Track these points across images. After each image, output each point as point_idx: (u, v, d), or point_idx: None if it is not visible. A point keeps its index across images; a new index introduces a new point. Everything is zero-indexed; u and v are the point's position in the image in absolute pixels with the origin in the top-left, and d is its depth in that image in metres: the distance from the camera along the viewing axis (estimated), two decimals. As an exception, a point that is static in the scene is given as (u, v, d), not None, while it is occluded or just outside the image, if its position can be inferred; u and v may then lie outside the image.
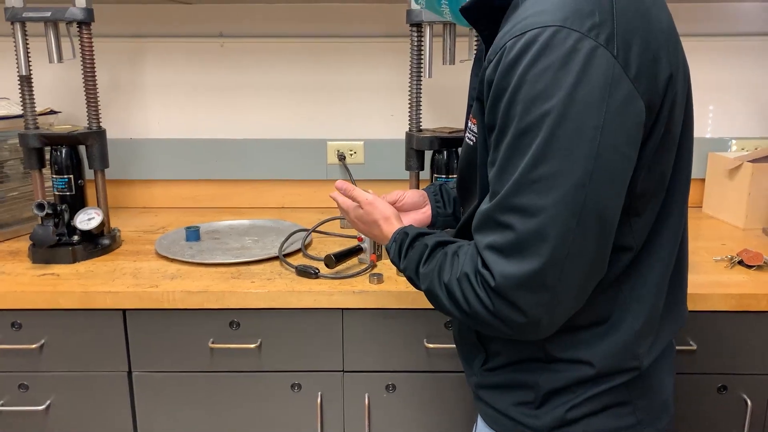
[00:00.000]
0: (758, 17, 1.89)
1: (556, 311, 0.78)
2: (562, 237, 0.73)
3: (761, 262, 1.44)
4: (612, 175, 0.75)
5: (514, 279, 0.75)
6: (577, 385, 0.88)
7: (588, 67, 0.72)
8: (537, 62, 0.73)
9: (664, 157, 0.83)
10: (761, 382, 1.39)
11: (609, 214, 0.77)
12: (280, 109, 1.97)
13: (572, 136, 0.72)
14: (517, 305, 0.77)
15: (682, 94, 0.84)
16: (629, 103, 0.74)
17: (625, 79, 0.74)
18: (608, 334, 0.87)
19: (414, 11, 1.52)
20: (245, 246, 1.61)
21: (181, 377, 1.41)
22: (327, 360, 1.39)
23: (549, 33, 0.73)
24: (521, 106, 0.74)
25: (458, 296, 0.82)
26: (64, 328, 1.38)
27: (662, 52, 0.78)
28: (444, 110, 1.94)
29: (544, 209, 0.73)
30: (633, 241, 0.84)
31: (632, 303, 0.87)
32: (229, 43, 1.92)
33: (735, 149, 1.96)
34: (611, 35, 0.73)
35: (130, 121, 1.97)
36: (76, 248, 1.51)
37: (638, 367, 0.88)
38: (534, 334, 0.81)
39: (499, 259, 0.77)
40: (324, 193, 2.01)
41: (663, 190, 0.85)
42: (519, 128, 0.74)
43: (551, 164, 0.73)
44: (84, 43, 1.52)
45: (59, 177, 1.55)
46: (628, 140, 0.75)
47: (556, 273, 0.75)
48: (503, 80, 0.76)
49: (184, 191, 2.01)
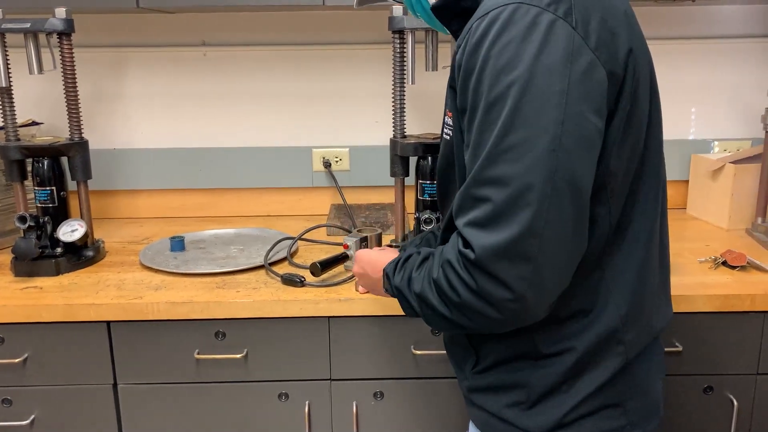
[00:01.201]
0: (739, 20, 1.91)
1: (540, 287, 0.77)
2: (538, 203, 0.74)
3: (744, 262, 1.45)
4: (580, 141, 0.76)
5: (493, 249, 0.76)
6: (565, 382, 0.89)
7: (549, 38, 0.75)
8: (500, 38, 0.76)
9: (632, 137, 0.84)
10: (747, 382, 1.39)
11: (582, 180, 0.77)
12: (265, 117, 1.96)
13: (538, 103, 0.74)
14: (499, 278, 0.76)
15: (646, 79, 0.86)
16: (592, 70, 0.76)
17: (586, 48, 0.76)
18: (594, 323, 0.88)
19: (396, 18, 1.52)
20: (230, 255, 1.60)
21: (167, 389, 1.39)
22: (314, 369, 1.39)
23: (510, 10, 0.77)
24: (488, 81, 0.77)
25: (444, 287, 0.82)
26: (47, 341, 1.36)
27: (620, 29, 0.81)
28: (428, 116, 1.94)
29: (518, 177, 0.75)
30: (607, 222, 0.85)
31: (615, 289, 0.88)
32: (211, 52, 1.92)
33: (717, 151, 1.98)
34: (569, 9, 0.77)
35: (113, 132, 1.96)
36: (60, 260, 1.49)
37: (623, 353, 0.89)
38: (523, 315, 0.79)
39: (478, 233, 0.77)
40: (310, 200, 2.00)
41: (631, 172, 0.86)
42: (487, 102, 0.77)
43: (520, 132, 0.75)
44: (65, 53, 1.51)
45: (41, 189, 1.53)
46: (593, 107, 0.77)
47: (535, 241, 0.75)
48: (470, 60, 0.79)
49: (169, 201, 2.00)
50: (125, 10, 1.68)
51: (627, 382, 0.91)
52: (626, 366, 0.90)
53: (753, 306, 1.33)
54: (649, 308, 0.93)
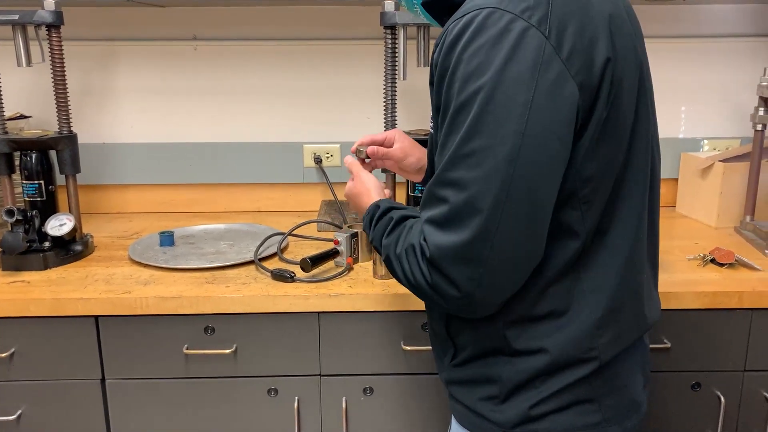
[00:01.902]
0: (728, 19, 1.92)
1: (488, 289, 0.80)
2: (492, 210, 0.76)
3: (732, 260, 1.45)
4: (542, 153, 0.77)
5: (445, 249, 0.79)
6: (539, 378, 0.89)
7: (518, 46, 0.75)
8: (472, 42, 0.77)
9: (611, 144, 0.84)
10: (734, 379, 1.40)
11: (540, 192, 0.78)
12: (256, 112, 1.96)
13: (501, 112, 0.75)
14: (450, 278, 0.80)
15: (631, 81, 0.85)
16: (560, 83, 0.76)
17: (556, 59, 0.76)
18: (566, 325, 0.88)
19: (388, 13, 1.52)
20: (220, 250, 1.60)
21: (156, 384, 1.39)
22: (303, 364, 1.39)
23: (484, 14, 0.77)
24: (458, 83, 0.78)
25: (405, 267, 0.86)
26: (35, 336, 1.35)
27: (600, 37, 0.80)
28: (419, 112, 1.94)
29: (475, 182, 0.77)
30: (582, 228, 0.85)
31: (591, 293, 0.88)
32: (202, 47, 1.91)
33: (707, 149, 1.99)
34: (544, 17, 0.77)
35: (102, 126, 1.95)
36: (48, 255, 1.48)
37: (596, 357, 0.88)
38: (468, 311, 0.84)
39: (434, 231, 0.81)
40: (301, 196, 2.00)
41: (612, 176, 0.86)
42: (456, 105, 0.78)
43: (481, 139, 0.76)
44: (54, 46, 1.50)
45: (29, 182, 1.52)
46: (559, 120, 0.77)
47: (486, 246, 0.77)
48: (444, 61, 0.80)
49: (159, 196, 1.99)
50: (115, 3, 1.67)
51: (602, 380, 0.90)
52: (601, 366, 0.89)
53: (740, 303, 1.34)
54: (633, 310, 0.92)
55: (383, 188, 1.12)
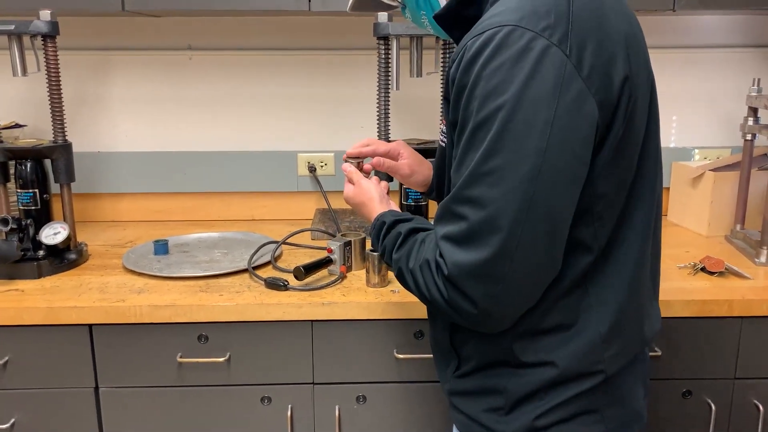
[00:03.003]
0: (717, 30, 1.95)
1: (506, 305, 0.81)
2: (512, 228, 0.76)
3: (722, 268, 1.47)
4: (562, 171, 0.77)
5: (464, 267, 0.79)
6: (544, 390, 0.89)
7: (540, 65, 0.75)
8: (492, 59, 0.76)
9: (624, 160, 0.85)
10: (725, 387, 1.41)
11: (559, 210, 0.79)
12: (250, 121, 1.97)
13: (522, 131, 0.75)
14: (467, 294, 0.80)
15: (644, 99, 0.86)
16: (581, 101, 0.77)
17: (577, 77, 0.76)
18: (573, 338, 0.88)
19: (381, 24, 1.53)
20: (214, 259, 1.60)
21: (149, 392, 1.39)
22: (297, 372, 1.39)
23: (504, 32, 0.77)
24: (478, 101, 0.77)
25: (420, 282, 0.86)
26: (28, 344, 1.35)
27: (618, 55, 0.81)
28: (413, 122, 1.95)
29: (495, 200, 0.76)
30: (595, 243, 0.86)
31: (598, 307, 0.88)
32: (197, 56, 1.92)
33: (698, 158, 2.01)
34: (565, 35, 0.77)
35: (97, 134, 1.95)
36: (42, 263, 1.48)
37: (603, 371, 0.89)
38: (485, 327, 0.85)
39: (452, 248, 0.80)
40: (295, 204, 2.01)
41: (624, 192, 0.87)
42: (475, 122, 0.78)
43: (502, 157, 0.76)
44: (49, 56, 1.51)
45: (24, 191, 1.53)
46: (579, 138, 0.78)
47: (505, 264, 0.78)
48: (463, 77, 0.80)
49: (153, 204, 1.99)
50: (111, 13, 1.68)
51: (606, 392, 0.91)
52: (606, 378, 0.90)
53: (730, 311, 1.35)
54: (636, 323, 0.93)
55: (387, 197, 1.13)
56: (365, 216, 1.13)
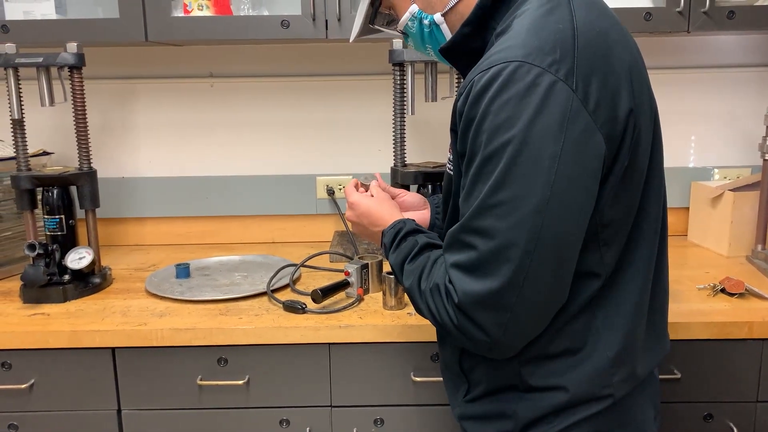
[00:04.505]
0: (735, 49, 1.94)
1: (515, 333, 0.82)
2: (521, 259, 0.78)
3: (743, 289, 1.45)
4: (569, 204, 0.79)
5: (474, 296, 0.80)
6: (553, 414, 0.90)
7: (547, 100, 0.77)
8: (500, 94, 0.78)
9: (630, 189, 0.86)
10: (747, 410, 1.39)
11: (567, 241, 0.80)
12: (270, 146, 2.00)
13: (530, 164, 0.77)
14: (477, 322, 0.81)
15: (648, 127, 0.88)
16: (587, 135, 0.78)
17: (584, 112, 0.78)
18: (582, 363, 0.89)
19: (396, 51, 1.56)
20: (234, 282, 1.63)
21: (170, 415, 1.41)
22: (315, 395, 1.40)
23: (512, 68, 0.78)
24: (486, 135, 0.79)
25: (431, 305, 0.87)
26: (53, 367, 1.39)
27: (623, 88, 0.82)
28: (428, 145, 1.97)
29: (503, 232, 0.78)
30: (602, 269, 0.87)
31: (605, 331, 0.89)
32: (218, 83, 1.96)
33: (718, 178, 1.99)
34: (571, 71, 0.78)
35: (121, 161, 2.00)
36: (67, 287, 1.52)
37: (611, 395, 0.90)
38: (495, 353, 0.86)
39: (462, 277, 0.82)
40: (314, 227, 2.03)
41: (630, 220, 0.88)
42: (484, 156, 0.79)
43: (510, 190, 0.78)
44: (75, 86, 1.56)
45: (51, 217, 1.57)
46: (586, 171, 0.79)
47: (514, 294, 0.79)
48: (471, 111, 0.81)
49: (176, 228, 2.03)
50: (134, 43, 1.73)
51: (615, 415, 0.91)
52: (615, 402, 0.90)
53: (751, 333, 1.34)
54: (644, 347, 0.94)
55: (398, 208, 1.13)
56: (375, 222, 1.10)
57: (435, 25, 0.98)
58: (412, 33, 1.02)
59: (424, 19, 0.99)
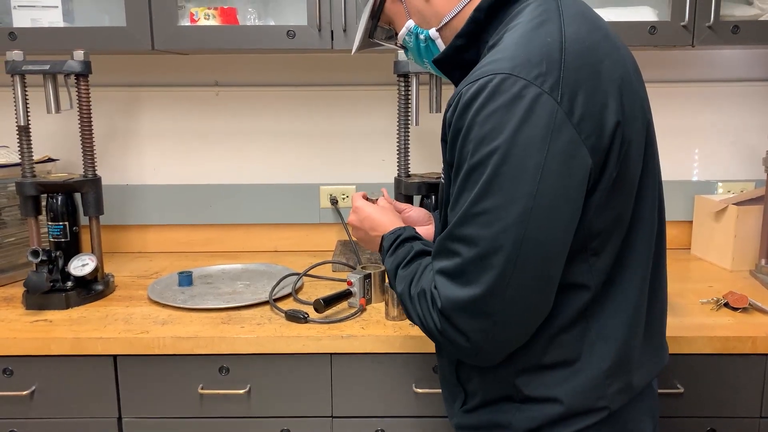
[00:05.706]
0: (739, 64, 1.95)
1: (497, 340, 0.83)
2: (503, 267, 0.79)
3: (746, 304, 1.45)
4: (553, 214, 0.79)
5: (456, 302, 0.82)
6: (549, 425, 0.90)
7: (531, 112, 0.78)
8: (486, 106, 0.80)
9: (619, 199, 0.86)
10: (750, 426, 1.39)
11: (551, 250, 0.81)
12: (274, 155, 2.01)
13: (514, 175, 0.78)
14: (459, 328, 0.83)
15: (640, 140, 0.88)
16: (572, 147, 0.79)
17: (568, 124, 0.79)
18: (577, 374, 0.89)
19: (401, 62, 1.57)
20: (237, 290, 1.63)
21: (171, 423, 1.41)
22: (316, 405, 1.40)
23: (498, 80, 0.80)
24: (472, 144, 0.81)
25: (419, 310, 0.89)
26: (55, 374, 1.39)
27: (611, 101, 0.83)
28: (432, 156, 1.97)
29: (486, 240, 0.79)
30: (591, 280, 0.87)
31: (600, 343, 0.89)
32: (224, 92, 1.97)
33: (721, 192, 1.99)
34: (556, 83, 0.79)
35: (126, 168, 2.01)
36: (70, 294, 1.52)
37: (607, 407, 0.89)
38: (480, 360, 0.87)
39: (446, 283, 0.84)
40: (317, 236, 2.03)
41: (622, 231, 0.88)
42: (470, 165, 0.81)
43: (494, 199, 0.79)
44: (81, 94, 1.56)
45: (54, 224, 1.57)
46: (571, 182, 0.80)
47: (496, 301, 0.80)
48: (458, 122, 0.83)
49: (179, 236, 2.04)
50: (140, 51, 1.74)
51: (611, 427, 0.91)
52: (611, 414, 0.90)
53: (754, 348, 1.33)
54: (640, 359, 0.94)
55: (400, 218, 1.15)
56: (377, 226, 1.11)
57: (430, 40, 1.01)
58: (410, 47, 1.05)
59: (420, 34, 1.01)
